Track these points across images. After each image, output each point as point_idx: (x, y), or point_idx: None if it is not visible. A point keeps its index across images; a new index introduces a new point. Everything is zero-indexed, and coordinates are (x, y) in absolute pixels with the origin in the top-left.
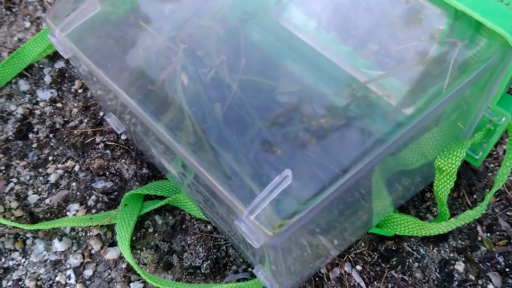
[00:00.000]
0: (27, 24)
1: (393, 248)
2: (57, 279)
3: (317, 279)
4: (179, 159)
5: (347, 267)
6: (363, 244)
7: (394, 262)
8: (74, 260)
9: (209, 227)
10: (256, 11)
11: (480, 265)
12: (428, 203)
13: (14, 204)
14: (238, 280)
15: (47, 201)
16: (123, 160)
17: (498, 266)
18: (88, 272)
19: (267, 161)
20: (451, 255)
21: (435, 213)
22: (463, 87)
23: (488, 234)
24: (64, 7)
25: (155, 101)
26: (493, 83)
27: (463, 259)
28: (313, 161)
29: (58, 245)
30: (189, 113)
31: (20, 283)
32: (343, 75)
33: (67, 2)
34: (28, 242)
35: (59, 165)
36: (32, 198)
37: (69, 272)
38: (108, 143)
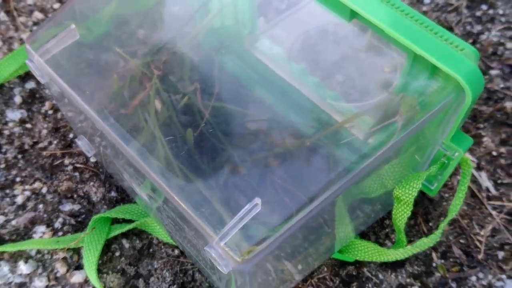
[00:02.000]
0: None
1: (354, 273)
2: None
3: None
4: (149, 184)
5: None
6: (325, 269)
7: (354, 287)
8: (39, 283)
9: (176, 251)
10: (230, 40)
11: None
12: (387, 230)
13: None
14: None
15: (13, 222)
16: (91, 183)
17: None
18: None
19: (237, 187)
20: (408, 280)
21: (393, 240)
22: (421, 123)
23: (442, 261)
24: (43, 33)
25: (128, 126)
26: (447, 121)
27: (419, 284)
28: (281, 188)
29: (24, 268)
30: (161, 138)
31: None
32: (310, 105)
33: (47, 29)
34: None
35: (27, 187)
36: None
37: None
38: (77, 165)
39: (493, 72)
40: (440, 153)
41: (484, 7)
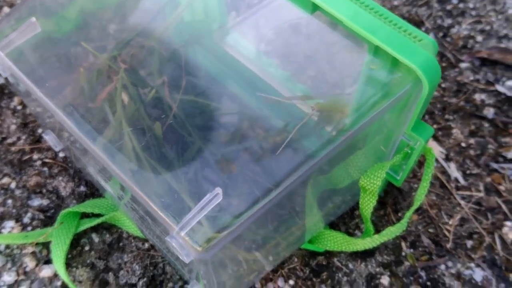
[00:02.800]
0: None
1: (324, 263)
2: None
3: None
4: (115, 180)
5: (280, 282)
6: (296, 259)
7: (324, 277)
8: (8, 277)
9: (146, 245)
10: (200, 34)
11: (404, 279)
12: (357, 220)
13: None
14: None
15: None
16: (60, 178)
17: (420, 280)
18: None
19: (205, 179)
20: (377, 269)
21: (363, 230)
22: (381, 111)
23: (412, 250)
24: (4, 26)
25: (94, 120)
26: (408, 111)
27: (388, 273)
28: (249, 179)
29: None
30: (128, 132)
31: None
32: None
33: (7, 22)
34: None
35: None
36: None
37: None
38: (46, 160)
39: (463, 65)
40: (403, 143)
41: (454, 1)
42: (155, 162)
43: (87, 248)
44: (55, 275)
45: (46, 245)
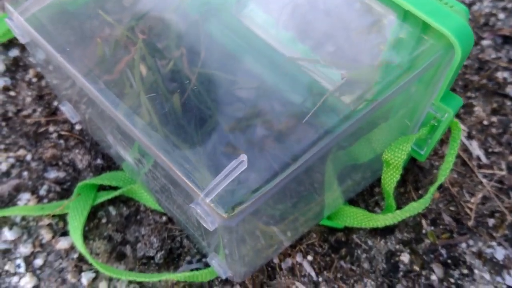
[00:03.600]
0: None
1: (343, 240)
2: (6, 268)
3: (269, 268)
4: (137, 146)
5: (298, 258)
6: (314, 235)
7: (343, 253)
8: (24, 249)
9: (164, 218)
10: (217, 7)
11: (424, 256)
12: (377, 197)
13: None
14: (191, 270)
15: None
16: (77, 150)
17: (441, 258)
18: (38, 262)
19: (223, 151)
20: (397, 247)
21: (383, 207)
22: (409, 81)
23: (432, 228)
24: None
25: (113, 90)
26: (437, 80)
27: (408, 251)
28: (268, 153)
29: (8, 234)
30: (146, 103)
31: None
32: (300, 73)
33: None
34: None
35: (11, 154)
36: None
37: (19, 261)
38: (62, 133)
39: (485, 42)
40: (430, 116)
41: None
42: (177, 133)
43: (104, 220)
44: (72, 247)
45: (62, 217)
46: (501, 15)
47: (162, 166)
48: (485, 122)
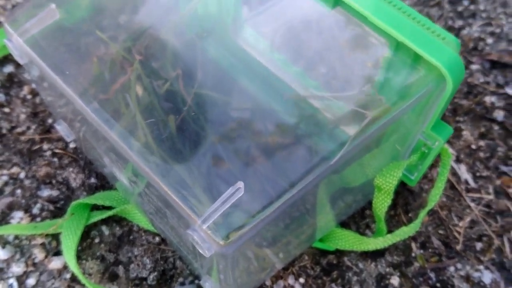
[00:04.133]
0: None
1: (334, 262)
2: None
3: None
4: (132, 168)
5: (290, 280)
6: (306, 258)
7: (334, 275)
8: (17, 268)
9: (157, 238)
10: (213, 28)
11: (414, 280)
12: (367, 220)
13: None
14: None
15: None
16: (70, 169)
17: (430, 281)
18: (31, 281)
19: (219, 174)
20: (387, 270)
21: (374, 230)
22: (401, 111)
23: (422, 251)
24: (23, 13)
25: (108, 111)
26: (428, 110)
27: (398, 274)
28: (262, 176)
29: (1, 253)
30: (142, 124)
31: None
32: (293, 95)
33: (26, 9)
34: None
35: (4, 171)
36: None
37: (12, 280)
38: (56, 151)
39: (474, 66)
40: (420, 143)
41: (465, 2)
42: (172, 155)
43: (97, 240)
44: (65, 267)
45: (55, 237)
46: (489, 40)
47: (158, 190)
48: (473, 146)
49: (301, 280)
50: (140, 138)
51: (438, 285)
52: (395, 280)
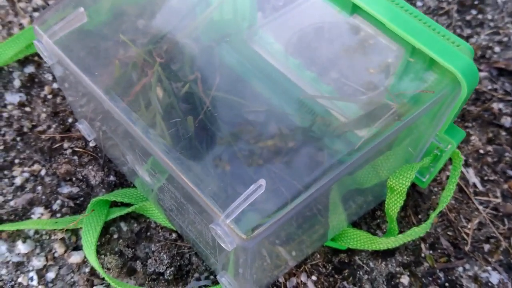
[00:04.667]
0: None
1: (346, 261)
2: (19, 280)
3: (274, 287)
4: (155, 164)
5: (303, 277)
6: (318, 256)
7: (346, 274)
8: (37, 262)
9: (173, 235)
10: (230, 33)
11: (423, 279)
12: (378, 221)
13: None
14: (199, 287)
15: (11, 203)
16: (90, 167)
17: (439, 281)
18: (50, 275)
19: (235, 174)
20: (397, 269)
21: (384, 230)
22: (415, 116)
23: (431, 252)
24: (52, 15)
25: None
26: (442, 114)
27: (408, 273)
28: (278, 176)
29: (22, 247)
30: (162, 124)
31: None
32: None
33: (54, 11)
34: None
35: (25, 168)
36: None
37: (32, 274)
38: (76, 149)
39: (482, 74)
40: (433, 146)
41: (473, 11)
42: (192, 153)
43: (115, 236)
44: (83, 262)
45: (75, 232)
46: (497, 48)
47: (182, 186)
48: (481, 151)
49: (313, 277)
50: (164, 137)
51: (446, 284)
52: (405, 279)
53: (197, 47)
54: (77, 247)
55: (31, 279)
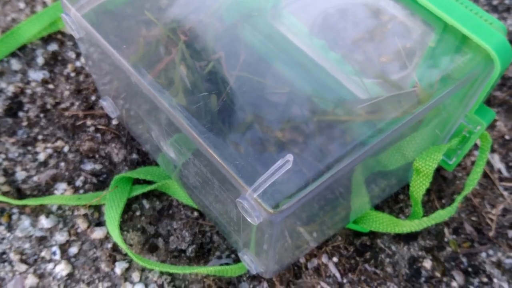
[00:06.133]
0: (21, 5)
1: (368, 244)
2: (42, 254)
3: (295, 268)
4: (182, 139)
5: (324, 259)
6: (340, 238)
7: (367, 256)
8: (60, 237)
9: (195, 213)
10: (253, 13)
11: (446, 264)
12: (401, 204)
13: (1, 180)
14: (221, 265)
15: (35, 178)
16: (113, 145)
17: (462, 266)
18: (73, 250)
19: (257, 152)
20: (420, 253)
21: (407, 214)
22: (443, 96)
23: (454, 236)
24: None
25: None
26: (473, 93)
27: (430, 257)
28: (298, 157)
29: (45, 222)
30: (183, 101)
31: (4, 256)
32: (331, 80)
33: None
34: (14, 217)
35: (49, 145)
36: (20, 174)
37: (55, 248)
38: (99, 127)
39: None
40: (461, 127)
41: None
42: (220, 130)
43: (138, 213)
44: (106, 238)
45: (97, 208)
46: None
47: (210, 161)
48: (507, 137)
49: (335, 259)
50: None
51: (469, 269)
52: (427, 264)
53: (220, 27)
54: (100, 223)
55: (54, 253)
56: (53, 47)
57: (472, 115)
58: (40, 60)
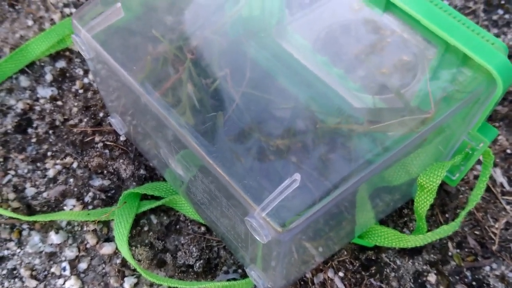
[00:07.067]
0: (30, 23)
1: (373, 258)
2: (52, 270)
3: (302, 282)
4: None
5: (330, 273)
6: (345, 253)
7: (373, 271)
8: (70, 253)
9: (202, 228)
10: (257, 30)
11: (450, 278)
12: (405, 219)
13: (11, 196)
14: (228, 280)
15: (44, 194)
16: (121, 160)
17: (466, 280)
18: (83, 265)
19: (264, 170)
20: (424, 267)
21: (411, 228)
22: (447, 115)
23: (458, 250)
24: (89, 10)
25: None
26: (475, 112)
27: (435, 271)
28: (305, 174)
29: (54, 238)
30: (190, 119)
31: (14, 272)
32: (335, 95)
33: (93, 6)
34: (24, 233)
35: (58, 161)
36: (30, 190)
37: (64, 264)
38: (107, 143)
39: None
40: (464, 144)
41: (500, 11)
42: (227, 148)
43: (146, 228)
44: (115, 253)
45: (106, 224)
46: None
47: (218, 179)
48: (509, 151)
49: (341, 274)
50: (198, 130)
51: (474, 283)
52: (432, 278)
53: (225, 44)
54: (109, 239)
55: (64, 269)
56: (61, 64)
57: (475, 133)
58: (48, 77)
